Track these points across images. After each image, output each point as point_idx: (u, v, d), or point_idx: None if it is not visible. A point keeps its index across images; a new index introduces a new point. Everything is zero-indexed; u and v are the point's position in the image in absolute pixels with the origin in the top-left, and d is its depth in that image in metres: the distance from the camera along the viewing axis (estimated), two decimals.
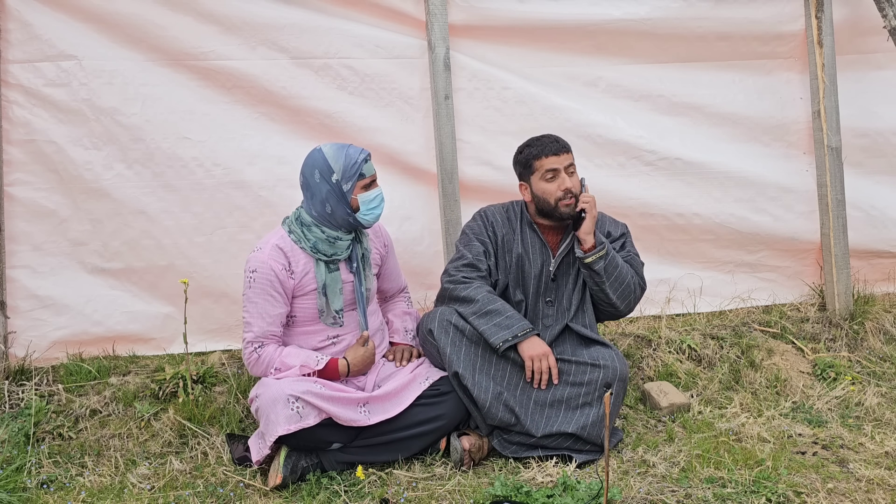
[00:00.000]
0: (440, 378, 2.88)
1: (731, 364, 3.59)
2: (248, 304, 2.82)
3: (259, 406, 2.74)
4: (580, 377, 2.87)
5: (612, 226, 3.17)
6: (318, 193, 2.84)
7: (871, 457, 2.86)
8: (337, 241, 2.86)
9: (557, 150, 2.98)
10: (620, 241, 3.13)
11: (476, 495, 2.59)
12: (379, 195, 2.90)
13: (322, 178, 2.82)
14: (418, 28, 3.61)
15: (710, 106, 3.90)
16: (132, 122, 3.36)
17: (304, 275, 2.84)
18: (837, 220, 3.90)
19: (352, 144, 2.91)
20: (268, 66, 3.46)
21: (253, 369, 2.86)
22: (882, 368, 3.67)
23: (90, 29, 3.33)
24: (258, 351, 2.81)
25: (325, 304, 2.86)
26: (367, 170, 2.85)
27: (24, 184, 3.31)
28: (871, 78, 4.05)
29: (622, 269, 3.00)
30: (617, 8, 3.73)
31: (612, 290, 2.99)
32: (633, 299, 3.07)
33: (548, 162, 2.97)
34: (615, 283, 2.99)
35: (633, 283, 3.03)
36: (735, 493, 2.58)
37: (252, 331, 2.81)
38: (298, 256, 2.85)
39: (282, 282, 2.80)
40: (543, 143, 3.00)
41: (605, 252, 2.95)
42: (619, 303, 3.03)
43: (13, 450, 2.85)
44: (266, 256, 2.81)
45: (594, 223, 2.97)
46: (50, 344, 3.34)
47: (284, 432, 2.63)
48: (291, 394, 2.66)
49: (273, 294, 2.80)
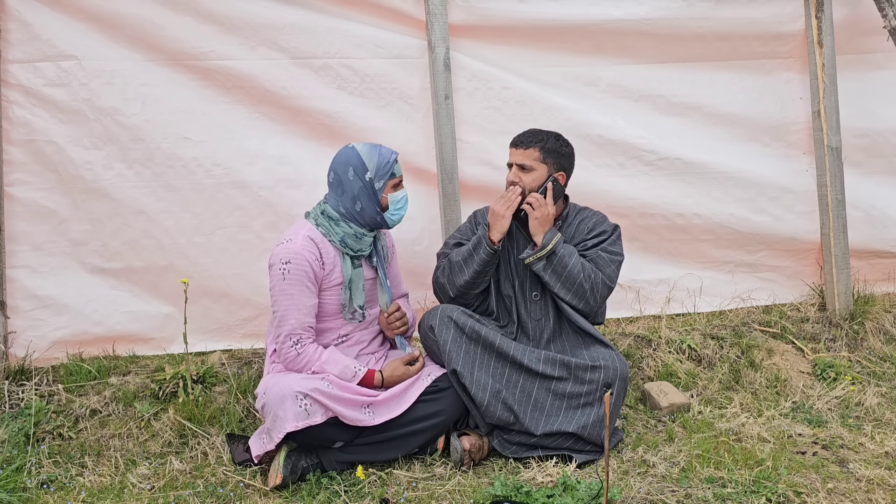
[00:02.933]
0: (442, 375, 2.89)
1: (731, 364, 3.59)
2: (282, 297, 2.79)
3: (266, 402, 2.73)
4: (581, 377, 2.87)
5: (599, 224, 3.09)
6: (349, 190, 2.88)
7: (871, 457, 2.86)
8: (363, 237, 2.91)
9: (515, 143, 3.02)
10: (598, 239, 3.05)
11: (476, 495, 2.59)
12: (405, 196, 2.98)
13: (356, 176, 2.87)
14: (418, 28, 3.61)
15: (709, 106, 3.90)
16: (132, 122, 3.36)
17: (333, 268, 2.87)
18: (837, 220, 3.90)
19: (382, 145, 2.97)
20: (268, 66, 3.46)
21: (290, 363, 2.81)
22: (882, 368, 3.67)
23: (90, 29, 3.33)
24: (297, 348, 2.78)
25: (348, 299, 2.89)
26: (397, 170, 2.93)
27: (24, 184, 3.31)
28: (871, 78, 4.06)
29: (573, 270, 2.91)
30: (617, 8, 3.73)
31: (562, 291, 2.95)
32: (593, 297, 2.96)
33: (509, 153, 3.04)
34: (566, 283, 2.93)
35: (590, 282, 2.93)
36: (735, 493, 2.58)
37: (289, 323, 2.78)
38: (328, 249, 2.87)
39: (315, 272, 2.82)
40: (518, 134, 3.04)
41: (544, 254, 2.90)
42: (575, 301, 2.96)
43: (13, 450, 2.85)
44: (299, 247, 2.80)
45: (539, 224, 2.92)
46: (50, 344, 3.34)
47: (292, 429, 2.63)
48: (300, 391, 2.65)
49: (308, 285, 2.81)
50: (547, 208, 2.94)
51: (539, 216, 2.93)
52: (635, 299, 3.85)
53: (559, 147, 3.03)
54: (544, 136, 3.02)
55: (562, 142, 3.06)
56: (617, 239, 3.10)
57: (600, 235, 3.08)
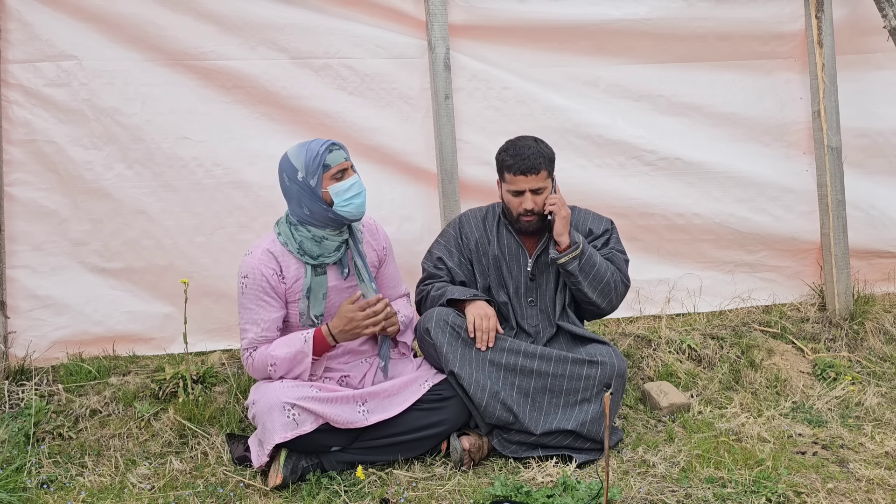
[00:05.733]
0: (441, 381, 2.87)
1: (731, 364, 3.59)
2: (242, 311, 2.80)
3: (256, 413, 2.73)
4: (578, 372, 2.86)
5: (596, 222, 3.13)
6: (292, 196, 2.80)
7: (871, 457, 2.86)
8: (324, 240, 2.81)
9: (526, 171, 2.91)
10: (604, 238, 3.09)
11: (476, 495, 2.59)
12: (353, 184, 2.79)
13: (291, 180, 2.79)
14: (418, 28, 3.61)
15: (709, 106, 3.90)
16: (132, 122, 3.36)
17: (296, 280, 2.82)
18: (837, 220, 3.90)
19: (317, 138, 2.83)
20: (268, 66, 3.46)
21: (254, 374, 2.84)
22: (882, 368, 3.67)
23: (90, 29, 3.33)
24: (252, 356, 2.79)
25: (306, 308, 2.82)
26: (331, 160, 2.76)
27: (24, 184, 3.31)
28: (871, 78, 4.06)
29: (600, 268, 2.96)
30: (617, 8, 3.73)
31: (590, 290, 2.97)
32: (616, 296, 3.04)
33: (515, 180, 2.93)
34: (594, 282, 2.96)
35: (613, 280, 3.00)
36: (735, 493, 2.58)
37: (247, 337, 2.80)
38: (290, 261, 2.82)
39: (273, 286, 2.78)
40: (517, 157, 2.92)
41: (578, 252, 2.92)
42: (601, 301, 3.00)
43: (13, 450, 2.85)
44: (256, 261, 2.78)
45: (566, 224, 2.93)
46: (50, 344, 3.34)
47: (281, 440, 2.62)
48: (287, 401, 2.64)
49: (265, 299, 2.78)
50: (567, 207, 2.96)
51: (566, 214, 2.93)
52: (635, 299, 3.85)
53: (549, 153, 2.99)
54: (538, 150, 2.95)
55: (545, 144, 3.01)
56: (618, 235, 3.15)
57: (605, 234, 3.10)
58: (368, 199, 3.53)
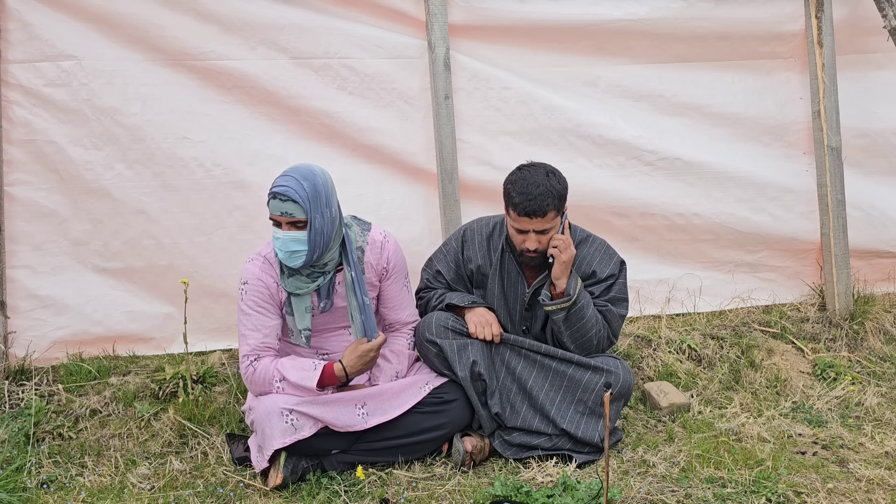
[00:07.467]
0: (442, 385, 2.85)
1: (731, 364, 3.59)
2: (242, 317, 2.76)
3: (254, 419, 2.71)
4: (579, 376, 2.86)
5: (602, 264, 2.95)
6: None
7: (871, 457, 2.86)
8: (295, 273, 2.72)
9: (530, 213, 2.72)
10: (606, 283, 2.93)
11: (476, 495, 2.59)
12: (281, 238, 2.63)
13: None
14: (418, 28, 3.61)
15: (709, 106, 3.90)
16: (132, 122, 3.36)
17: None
18: (837, 220, 3.90)
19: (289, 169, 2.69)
20: (268, 66, 3.46)
21: (252, 387, 2.74)
22: (882, 368, 3.67)
23: (90, 29, 3.33)
24: (254, 364, 2.72)
25: (293, 322, 2.79)
26: (273, 207, 2.64)
27: (24, 184, 3.31)
28: (871, 78, 4.06)
29: (587, 323, 2.84)
30: (617, 8, 3.73)
31: (568, 340, 2.88)
32: (594, 350, 2.92)
33: (519, 220, 2.77)
34: (575, 335, 2.87)
35: (597, 337, 2.88)
36: (735, 493, 2.58)
37: (248, 343, 2.74)
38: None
39: (272, 294, 2.76)
40: (524, 196, 2.72)
41: (567, 305, 2.80)
42: (575, 350, 2.89)
43: (13, 450, 2.85)
44: (257, 269, 2.77)
45: (566, 269, 2.79)
46: (50, 344, 3.34)
47: (280, 446, 2.62)
48: (285, 406, 2.63)
49: (265, 306, 2.76)
50: (572, 248, 2.80)
51: (566, 259, 2.78)
52: (635, 299, 3.85)
53: (561, 189, 2.78)
54: (548, 188, 2.73)
55: (557, 178, 2.80)
56: (624, 280, 2.98)
57: (608, 280, 2.94)
58: (368, 199, 3.55)
